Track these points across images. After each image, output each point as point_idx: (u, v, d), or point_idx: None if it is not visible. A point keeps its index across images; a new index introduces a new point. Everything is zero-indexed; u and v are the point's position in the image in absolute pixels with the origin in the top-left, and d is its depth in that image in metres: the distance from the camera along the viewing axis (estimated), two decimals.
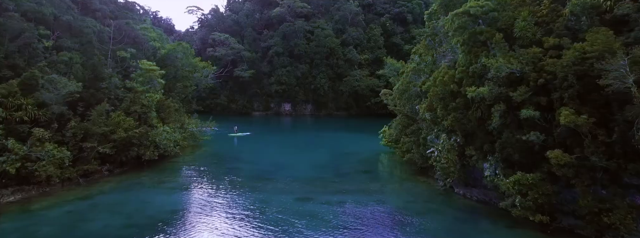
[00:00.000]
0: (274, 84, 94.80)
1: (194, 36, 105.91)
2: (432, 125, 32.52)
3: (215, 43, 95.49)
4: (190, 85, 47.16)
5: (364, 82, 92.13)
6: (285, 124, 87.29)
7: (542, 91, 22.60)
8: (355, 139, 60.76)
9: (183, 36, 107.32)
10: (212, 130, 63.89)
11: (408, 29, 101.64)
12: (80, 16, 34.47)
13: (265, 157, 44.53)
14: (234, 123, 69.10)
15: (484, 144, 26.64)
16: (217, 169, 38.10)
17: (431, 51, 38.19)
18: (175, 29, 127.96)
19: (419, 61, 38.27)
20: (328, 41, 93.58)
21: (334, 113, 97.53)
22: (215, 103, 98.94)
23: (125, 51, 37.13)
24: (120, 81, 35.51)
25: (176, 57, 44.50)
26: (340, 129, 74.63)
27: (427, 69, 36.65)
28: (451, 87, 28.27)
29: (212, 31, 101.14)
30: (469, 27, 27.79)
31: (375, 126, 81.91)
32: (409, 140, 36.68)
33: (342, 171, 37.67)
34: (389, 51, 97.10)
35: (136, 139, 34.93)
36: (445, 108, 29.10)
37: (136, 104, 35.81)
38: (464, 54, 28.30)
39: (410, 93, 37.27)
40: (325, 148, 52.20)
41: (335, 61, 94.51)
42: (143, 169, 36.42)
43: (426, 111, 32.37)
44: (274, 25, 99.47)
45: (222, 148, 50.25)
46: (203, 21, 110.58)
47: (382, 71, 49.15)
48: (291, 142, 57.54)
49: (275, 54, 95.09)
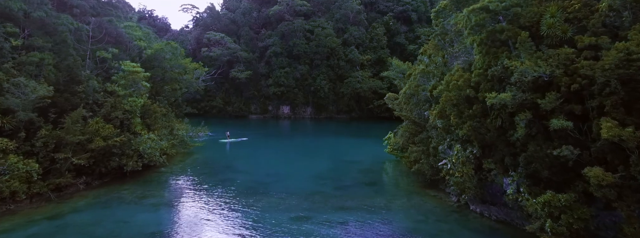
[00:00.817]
0: (272, 85, 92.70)
1: (188, 36, 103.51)
2: (444, 134, 29.88)
3: (211, 43, 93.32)
4: (179, 88, 44.52)
5: (366, 84, 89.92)
6: (284, 128, 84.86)
7: (575, 98, 19.98)
8: (358, 145, 58.18)
9: (177, 35, 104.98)
10: (206, 135, 61.59)
11: (412, 29, 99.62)
12: (54, 13, 31.85)
13: (261, 166, 41.91)
14: (228, 128, 66.56)
15: (505, 157, 24.02)
16: (206, 180, 35.43)
17: (441, 51, 35.61)
18: (171, 28, 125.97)
19: (428, 62, 35.65)
20: (328, 40, 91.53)
21: (335, 116, 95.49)
22: (210, 106, 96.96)
23: (106, 51, 34.51)
24: (99, 84, 32.89)
25: (164, 58, 41.91)
26: (341, 133, 72.08)
27: (437, 71, 34.04)
28: (467, 93, 25.63)
29: (208, 30, 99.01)
30: (487, 24, 25.17)
31: (378, 131, 79.90)
32: (418, 149, 34.02)
33: (344, 183, 35.02)
34: (392, 51, 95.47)
35: (117, 149, 32.33)
36: (460, 115, 26.46)
37: (117, 110, 33.20)
38: (481, 55, 25.65)
39: (418, 97, 34.62)
40: (325, 155, 49.60)
41: (336, 61, 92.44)
42: (125, 181, 33.78)
43: (437, 119, 29.73)
44: (272, 24, 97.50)
45: (214, 155, 47.62)
46: (198, 20, 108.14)
47: (386, 72, 46.50)
48: (289, 148, 54.93)
49: (273, 55, 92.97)
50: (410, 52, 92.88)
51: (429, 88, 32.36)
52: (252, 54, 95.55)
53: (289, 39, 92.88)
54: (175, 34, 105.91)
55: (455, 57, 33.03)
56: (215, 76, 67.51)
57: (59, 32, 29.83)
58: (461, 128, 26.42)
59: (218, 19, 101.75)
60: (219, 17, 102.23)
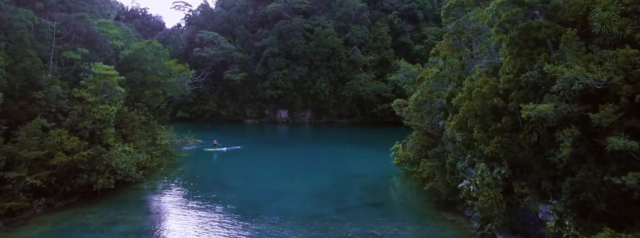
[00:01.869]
0: (269, 88, 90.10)
1: (180, 35, 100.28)
2: (464, 149, 26.22)
3: (203, 42, 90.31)
4: (162, 93, 40.91)
5: (370, 86, 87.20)
6: (281, 134, 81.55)
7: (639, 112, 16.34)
8: (361, 154, 54.55)
9: (169, 34, 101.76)
10: (196, 143, 58.13)
11: (418, 28, 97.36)
12: (12, 6, 28.28)
13: (253, 181, 38.33)
14: (219, 135, 63.08)
15: (542, 181, 20.38)
16: (189, 200, 31.76)
17: (458, 52, 32.01)
18: (165, 27, 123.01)
19: (443, 64, 32.04)
20: (329, 40, 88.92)
21: (336, 120, 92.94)
22: (203, 110, 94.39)
23: (75, 51, 30.92)
24: (65, 90, 29.28)
25: (144, 60, 38.33)
26: (342, 141, 68.64)
27: (454, 75, 30.44)
28: (494, 102, 21.98)
29: (201, 29, 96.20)
30: (519, 20, 21.55)
31: (383, 138, 76.25)
32: (432, 165, 30.34)
33: (347, 203, 31.37)
34: (397, 51, 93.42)
35: (85, 164, 28.72)
36: (485, 128, 22.82)
37: (86, 119, 29.58)
38: (511, 57, 22.01)
39: (432, 105, 30.98)
40: (325, 167, 45.96)
41: (337, 62, 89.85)
42: (95, 201, 30.13)
43: (456, 131, 26.10)
44: (269, 23, 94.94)
45: (201, 168, 44.00)
46: (191, 18, 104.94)
47: (394, 76, 42.87)
48: (285, 159, 51.32)
49: (270, 55, 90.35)
50: (417, 52, 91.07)
51: (445, 95, 28.74)
52: (248, 55, 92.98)
53: (287, 39, 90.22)
54: (167, 33, 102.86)
55: (476, 60, 29.47)
56: (203, 79, 63.57)
57: (15, 29, 26.28)
58: (486, 144, 22.79)
59: (212, 17, 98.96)
60: (212, 15, 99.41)
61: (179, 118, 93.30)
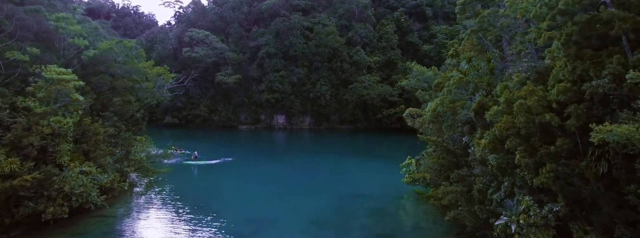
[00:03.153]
0: (265, 91, 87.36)
1: (169, 33, 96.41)
2: (500, 175, 21.56)
3: (193, 42, 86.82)
4: (136, 100, 36.38)
5: (374, 90, 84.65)
6: (277, 143, 77.43)
7: None
8: (366, 168, 50.05)
9: (157, 33, 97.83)
10: (182, 154, 53.97)
11: (427, 26, 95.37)
12: None
13: (241, 204, 33.79)
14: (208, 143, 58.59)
15: (615, 226, 15.73)
16: (162, 231, 27.10)
17: (486, 53, 27.46)
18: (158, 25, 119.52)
19: (468, 68, 27.46)
20: (330, 39, 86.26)
21: (337, 126, 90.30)
22: (193, 115, 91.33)
23: (21, 51, 26.38)
24: (5, 98, 24.73)
25: (114, 61, 33.84)
26: (345, 151, 64.38)
27: (482, 81, 25.84)
28: (545, 118, 17.38)
29: (192, 27, 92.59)
30: (579, 11, 16.98)
31: (390, 147, 71.97)
32: (455, 190, 25.68)
33: (351, 234, 26.75)
34: (404, 51, 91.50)
35: (28, 190, 24.10)
36: (532, 152, 18.22)
37: (33, 134, 25.01)
38: (567, 60, 17.41)
39: (455, 117, 26.36)
40: (325, 184, 41.39)
41: (338, 64, 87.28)
42: (45, 233, 25.52)
43: (489, 152, 21.45)
44: (265, 21, 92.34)
45: (181, 186, 39.39)
46: (181, 16, 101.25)
47: (405, 81, 38.26)
48: (280, 174, 46.72)
49: (266, 56, 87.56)
50: (425, 53, 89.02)
51: (472, 106, 24.09)
52: (242, 55, 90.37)
53: (285, 38, 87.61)
54: (155, 32, 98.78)
55: (511, 62, 24.87)
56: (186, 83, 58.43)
57: None
58: (533, 172, 18.22)
59: (204, 14, 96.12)
60: (204, 12, 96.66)
61: (168, 123, 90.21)
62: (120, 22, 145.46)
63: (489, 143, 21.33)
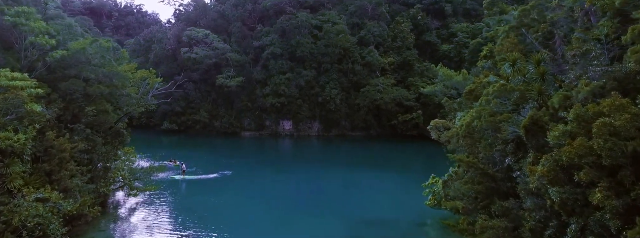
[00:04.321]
0: (270, 95, 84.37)
1: (168, 33, 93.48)
2: (565, 215, 16.96)
3: (193, 42, 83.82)
4: (114, 109, 32.31)
5: (389, 93, 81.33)
6: (282, 152, 73.88)
7: None
8: (380, 184, 45.97)
9: (155, 32, 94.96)
10: (176, 166, 50.20)
11: (446, 24, 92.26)
12: None
13: (236, 229, 29.58)
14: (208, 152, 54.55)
15: None
16: None
17: (534, 54, 22.92)
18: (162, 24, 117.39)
19: (511, 72, 22.92)
20: (341, 39, 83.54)
21: (348, 133, 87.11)
22: (193, 120, 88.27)
23: None
24: None
25: (88, 64, 29.91)
26: (356, 162, 60.39)
27: (531, 89, 21.29)
28: None
29: (193, 26, 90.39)
30: None
31: (407, 157, 67.45)
32: (497, 226, 21.10)
33: None
34: (421, 52, 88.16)
35: None
36: (620, 191, 13.62)
37: None
38: None
39: (498, 134, 21.79)
40: (335, 205, 37.10)
41: (350, 65, 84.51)
42: None
43: (548, 183, 16.90)
44: (271, 19, 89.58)
45: (167, 208, 35.37)
46: (180, 14, 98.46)
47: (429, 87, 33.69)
48: (284, 192, 42.61)
49: (271, 57, 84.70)
50: (444, 53, 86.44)
51: (522, 121, 19.54)
52: (245, 56, 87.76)
53: (291, 37, 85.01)
54: (153, 31, 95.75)
55: (569, 65, 20.30)
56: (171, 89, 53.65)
57: None
58: (618, 217, 13.63)
59: (204, 12, 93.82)
60: (205, 10, 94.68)
61: (166, 130, 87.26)
62: (123, 21, 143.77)
63: (548, 172, 16.81)
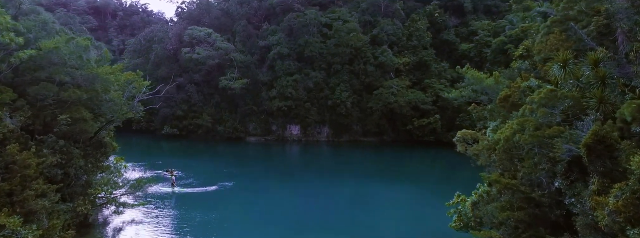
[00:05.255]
0: (276, 98, 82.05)
1: (169, 32, 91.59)
2: None
3: (194, 41, 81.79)
4: (92, 116, 29.10)
5: (404, 96, 78.55)
6: (289, 159, 71.46)
7: None
8: (395, 196, 43.10)
9: (156, 31, 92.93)
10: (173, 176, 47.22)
11: (465, 22, 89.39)
12: None
13: None
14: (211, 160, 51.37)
15: None
16: None
17: (591, 53, 19.21)
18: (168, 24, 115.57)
19: (562, 75, 19.22)
20: (352, 38, 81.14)
21: (360, 139, 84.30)
22: (195, 124, 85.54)
23: None
24: None
25: (63, 65, 26.90)
26: (369, 171, 57.30)
27: (589, 97, 17.65)
28: None
29: (196, 25, 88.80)
30: None
31: (423, 165, 64.18)
32: None
33: None
34: (439, 51, 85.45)
35: None
36: None
37: None
38: None
39: (546, 152, 18.13)
40: (344, 224, 33.78)
41: (362, 66, 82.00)
42: None
43: (624, 222, 13.26)
44: (277, 17, 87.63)
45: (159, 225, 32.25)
46: (182, 12, 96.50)
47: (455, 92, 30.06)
48: (288, 208, 39.43)
49: (277, 57, 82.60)
50: (464, 53, 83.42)
51: (584, 139, 15.86)
52: (250, 57, 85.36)
53: (300, 37, 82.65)
54: (154, 31, 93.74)
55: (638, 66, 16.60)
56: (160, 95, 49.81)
57: None
58: None
59: (208, 10, 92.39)
60: (209, 7, 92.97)
61: (166, 135, 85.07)
62: (128, 20, 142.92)
63: (625, 207, 13.19)
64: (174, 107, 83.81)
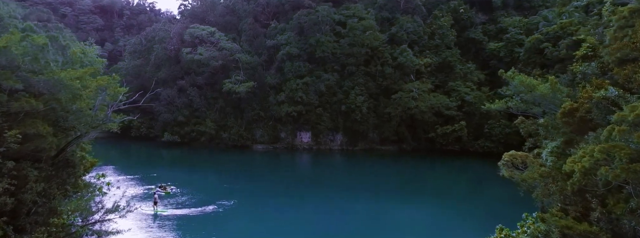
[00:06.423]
0: (286, 103, 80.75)
1: (171, 31, 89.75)
2: None
3: (196, 41, 79.77)
4: (53, 132, 24.93)
5: (425, 100, 76.34)
6: (298, 171, 68.19)
7: None
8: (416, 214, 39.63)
9: (157, 30, 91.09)
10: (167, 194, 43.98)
11: (494, 18, 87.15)
12: None
13: None
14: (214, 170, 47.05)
15: None
16: None
17: None
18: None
19: None
20: (368, 36, 79.85)
21: (377, 147, 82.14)
22: (197, 131, 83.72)
23: None
24: None
25: (16, 69, 22.63)
26: (387, 184, 53.85)
27: None
28: None
29: (199, 23, 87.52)
30: None
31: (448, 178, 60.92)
32: None
33: None
34: (463, 51, 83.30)
35: None
36: None
37: None
38: None
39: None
40: None
41: (379, 67, 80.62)
42: None
43: None
44: (287, 14, 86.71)
45: None
46: (185, 10, 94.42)
47: (500, 102, 24.85)
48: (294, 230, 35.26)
49: (286, 58, 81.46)
50: (492, 52, 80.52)
51: None
52: (257, 57, 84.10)
53: (311, 35, 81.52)
54: (156, 30, 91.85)
55: None
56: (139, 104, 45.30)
57: None
58: None
59: (212, 7, 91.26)
60: (213, 4, 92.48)
61: (167, 142, 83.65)
62: (134, 20, 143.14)
63: None
64: (175, 112, 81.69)
